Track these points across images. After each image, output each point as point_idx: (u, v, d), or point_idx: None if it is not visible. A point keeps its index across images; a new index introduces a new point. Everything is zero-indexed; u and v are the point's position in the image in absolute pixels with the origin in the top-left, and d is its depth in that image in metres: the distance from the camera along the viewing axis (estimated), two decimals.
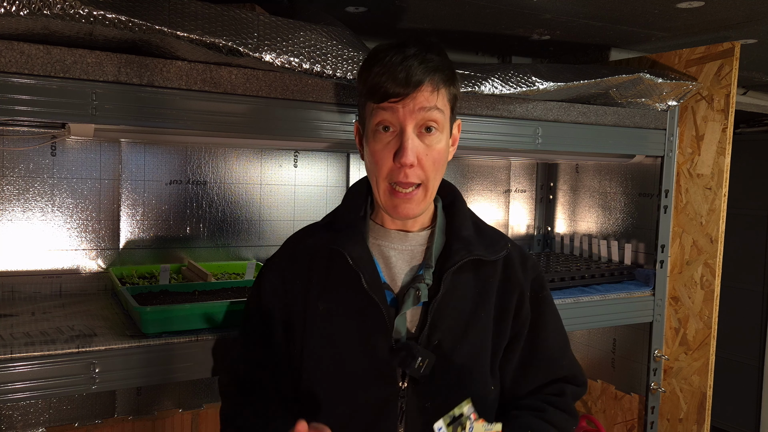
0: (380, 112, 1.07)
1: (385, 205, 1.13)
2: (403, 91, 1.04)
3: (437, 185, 1.14)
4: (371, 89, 1.07)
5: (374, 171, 1.11)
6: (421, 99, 1.05)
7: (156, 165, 1.79)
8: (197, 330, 1.36)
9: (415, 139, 1.07)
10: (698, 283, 2.06)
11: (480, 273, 1.18)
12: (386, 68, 1.05)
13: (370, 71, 1.07)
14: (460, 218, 1.20)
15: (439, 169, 1.11)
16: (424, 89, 1.05)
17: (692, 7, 1.76)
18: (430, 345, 1.11)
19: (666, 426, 2.17)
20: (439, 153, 1.10)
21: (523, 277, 1.22)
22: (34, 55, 1.15)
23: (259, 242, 1.96)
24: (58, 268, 1.69)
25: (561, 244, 2.49)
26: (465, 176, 2.37)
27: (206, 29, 1.21)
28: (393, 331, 1.11)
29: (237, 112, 1.35)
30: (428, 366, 1.08)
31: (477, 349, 1.16)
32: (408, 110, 1.05)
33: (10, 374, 1.16)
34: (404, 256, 1.17)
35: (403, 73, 1.03)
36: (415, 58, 1.05)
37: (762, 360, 3.45)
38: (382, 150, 1.08)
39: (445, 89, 1.09)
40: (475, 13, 1.81)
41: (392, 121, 1.07)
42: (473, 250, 1.15)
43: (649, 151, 2.01)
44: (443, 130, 1.10)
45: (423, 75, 1.04)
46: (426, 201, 1.12)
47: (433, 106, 1.07)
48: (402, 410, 1.11)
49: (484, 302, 1.17)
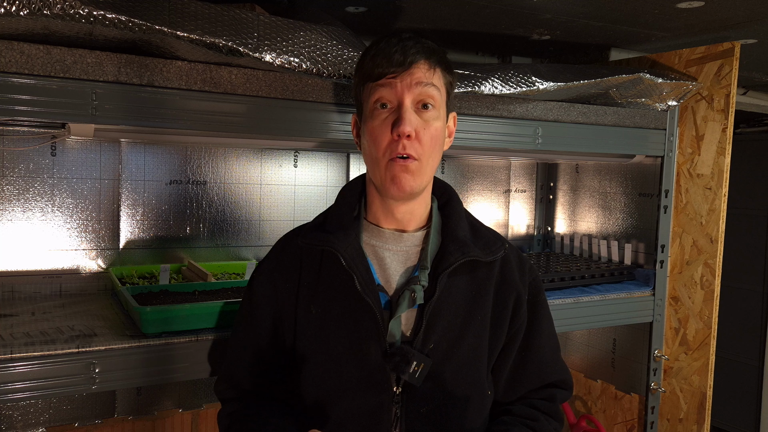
0: (378, 89, 1.08)
1: (383, 180, 1.10)
2: (401, 68, 1.07)
3: (434, 167, 1.13)
4: (369, 69, 1.09)
5: (373, 149, 1.10)
6: (419, 74, 1.07)
7: (156, 165, 1.79)
8: (197, 330, 1.36)
9: (413, 113, 1.08)
10: (698, 283, 2.06)
11: (476, 274, 1.16)
12: (383, 50, 1.08)
13: (367, 56, 1.11)
14: (455, 219, 1.19)
15: (435, 148, 1.11)
16: (420, 66, 1.08)
17: (692, 7, 1.76)
18: (426, 349, 1.09)
19: (666, 426, 2.17)
20: (436, 130, 1.10)
21: (520, 280, 1.21)
22: (34, 55, 1.15)
23: (259, 242, 1.96)
24: (58, 268, 1.69)
25: (561, 244, 2.49)
26: (465, 176, 2.37)
27: (206, 29, 1.21)
28: (387, 335, 1.08)
29: (237, 112, 1.35)
30: (423, 371, 1.06)
31: (473, 352, 1.14)
32: (405, 84, 1.07)
33: (10, 374, 1.16)
34: (399, 257, 1.15)
35: (399, 51, 1.06)
36: (410, 40, 1.08)
37: (762, 360, 3.45)
38: (380, 125, 1.09)
39: (441, 71, 1.11)
40: (475, 13, 1.81)
41: (390, 97, 1.08)
42: (469, 251, 1.13)
43: (649, 151, 2.01)
44: (440, 109, 1.11)
45: (419, 53, 1.07)
46: (422, 177, 1.10)
47: (430, 82, 1.08)
48: (396, 416, 1.09)
49: (481, 304, 1.15)
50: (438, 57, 1.10)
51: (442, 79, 1.11)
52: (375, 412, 1.09)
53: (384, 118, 1.08)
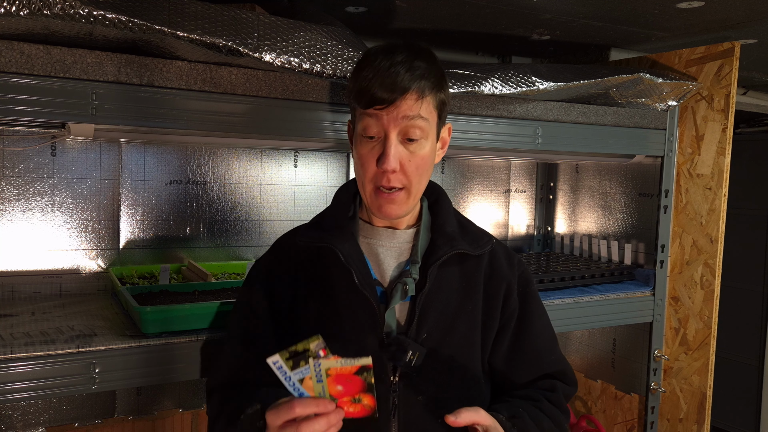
0: (366, 119, 1.10)
1: (370, 206, 1.16)
2: (389, 98, 1.06)
3: (422, 189, 1.16)
4: (358, 93, 1.09)
5: (360, 173, 1.15)
6: (405, 108, 1.07)
7: (156, 165, 1.79)
8: (197, 330, 1.36)
9: (399, 145, 1.10)
10: (698, 283, 2.06)
11: (465, 267, 1.21)
12: (373, 73, 1.06)
13: (359, 75, 1.09)
14: (443, 216, 1.24)
15: (423, 174, 1.14)
16: (408, 97, 1.07)
17: (692, 7, 1.76)
18: (420, 338, 1.13)
19: (666, 426, 2.17)
20: (422, 159, 1.12)
21: (509, 272, 1.25)
22: (34, 55, 1.15)
23: (259, 242, 1.96)
24: (58, 268, 1.69)
25: (561, 244, 2.49)
26: (465, 176, 2.37)
27: (206, 29, 1.21)
28: (384, 326, 1.12)
29: (237, 112, 1.35)
30: (418, 360, 1.10)
31: (466, 340, 1.18)
32: (392, 118, 1.08)
33: (10, 374, 1.16)
34: (392, 252, 1.20)
35: (389, 80, 1.05)
36: (402, 65, 1.06)
37: (762, 360, 3.44)
38: (367, 155, 1.11)
39: (432, 96, 1.10)
40: (475, 13, 1.81)
41: (376, 129, 1.09)
42: (457, 244, 1.18)
43: (649, 151, 2.01)
44: (428, 138, 1.12)
45: (409, 82, 1.06)
46: (409, 203, 1.15)
47: (417, 114, 1.08)
48: (395, 404, 1.12)
49: (471, 295, 1.20)
50: (428, 82, 1.09)
51: (432, 103, 1.11)
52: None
53: (371, 148, 1.11)
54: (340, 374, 0.92)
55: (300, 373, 0.91)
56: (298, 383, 0.92)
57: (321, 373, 0.91)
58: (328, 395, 0.93)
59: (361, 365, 0.92)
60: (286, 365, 0.91)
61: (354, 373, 0.92)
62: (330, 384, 0.92)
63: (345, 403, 0.94)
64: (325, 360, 0.91)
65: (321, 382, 0.92)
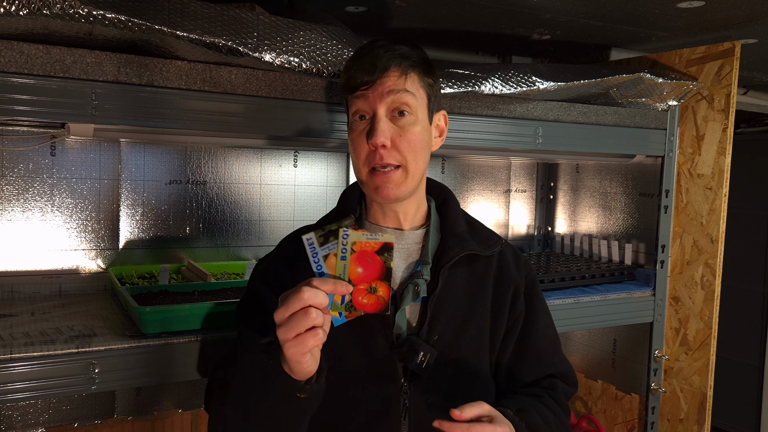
0: (354, 102, 1.11)
1: (369, 190, 1.14)
2: (370, 78, 1.08)
3: (420, 169, 1.14)
4: (344, 81, 1.12)
5: (355, 159, 1.14)
6: (389, 83, 1.08)
7: (156, 165, 1.79)
8: (197, 330, 1.36)
9: (387, 121, 1.10)
10: (699, 284, 2.06)
11: (474, 268, 1.21)
12: (355, 60, 1.11)
13: (345, 69, 1.13)
14: (453, 216, 1.24)
15: (418, 152, 1.12)
16: (391, 74, 1.09)
17: (692, 7, 1.76)
18: (431, 340, 1.13)
19: (666, 426, 2.16)
20: (414, 135, 1.11)
21: (516, 273, 1.25)
22: (34, 55, 1.15)
23: (258, 242, 1.95)
24: (58, 268, 1.69)
25: (561, 244, 2.49)
26: (465, 176, 2.37)
27: (206, 29, 1.21)
28: (394, 327, 1.12)
29: (237, 112, 1.35)
30: (430, 361, 1.10)
31: (476, 342, 1.18)
32: (377, 95, 1.09)
33: (9, 374, 1.16)
34: (401, 253, 1.19)
35: (369, 62, 1.08)
36: (381, 48, 1.09)
37: (762, 360, 3.44)
38: (358, 136, 1.12)
39: (416, 75, 1.11)
40: (475, 13, 1.81)
41: (365, 109, 1.10)
42: (468, 245, 1.18)
43: (649, 151, 2.01)
44: (417, 114, 1.11)
45: (388, 61, 1.08)
46: (408, 184, 1.12)
47: (402, 89, 1.09)
48: (405, 406, 1.11)
49: (480, 297, 1.20)
50: (411, 61, 1.10)
51: (418, 82, 1.12)
52: (384, 403, 1.11)
53: (361, 129, 1.11)
54: (363, 251, 0.92)
55: (327, 249, 0.92)
56: (323, 260, 0.92)
57: (347, 248, 0.91)
58: (348, 278, 0.92)
59: (385, 242, 0.92)
60: (318, 242, 0.91)
61: (376, 252, 0.92)
62: (352, 263, 0.92)
63: (361, 291, 0.93)
64: (353, 232, 0.92)
65: (345, 260, 0.91)
